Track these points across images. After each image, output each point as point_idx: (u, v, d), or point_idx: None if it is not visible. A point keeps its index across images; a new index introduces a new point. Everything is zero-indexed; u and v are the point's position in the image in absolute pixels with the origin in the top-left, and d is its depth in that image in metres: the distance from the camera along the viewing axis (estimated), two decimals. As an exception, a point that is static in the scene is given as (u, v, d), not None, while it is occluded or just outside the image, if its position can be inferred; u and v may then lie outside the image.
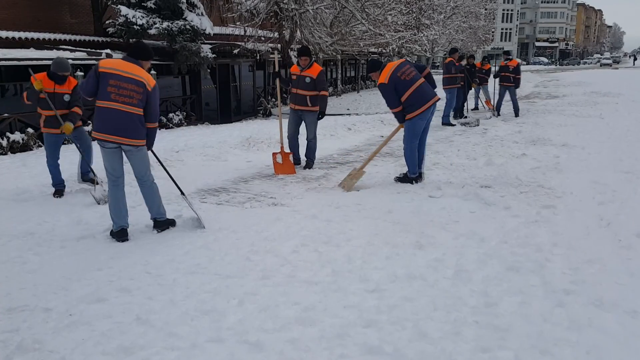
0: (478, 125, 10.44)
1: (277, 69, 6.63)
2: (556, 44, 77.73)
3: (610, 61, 64.13)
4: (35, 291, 3.11)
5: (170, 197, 5.25)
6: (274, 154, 6.44)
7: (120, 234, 3.98)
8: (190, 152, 7.59)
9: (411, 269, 3.32)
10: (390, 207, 4.71)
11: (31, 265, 3.54)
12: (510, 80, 11.68)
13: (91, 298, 2.99)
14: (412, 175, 5.63)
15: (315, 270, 3.33)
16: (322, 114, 6.43)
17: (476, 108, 13.51)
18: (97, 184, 5.26)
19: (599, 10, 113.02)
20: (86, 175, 5.59)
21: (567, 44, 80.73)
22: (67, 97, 5.21)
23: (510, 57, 12.10)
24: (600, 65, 58.64)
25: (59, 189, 5.42)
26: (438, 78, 9.60)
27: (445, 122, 10.73)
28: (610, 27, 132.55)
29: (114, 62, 3.87)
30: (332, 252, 3.64)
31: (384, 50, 20.79)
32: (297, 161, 6.66)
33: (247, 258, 3.55)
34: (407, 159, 5.63)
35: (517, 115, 11.86)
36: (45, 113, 5.20)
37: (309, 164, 6.71)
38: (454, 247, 3.70)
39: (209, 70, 13.74)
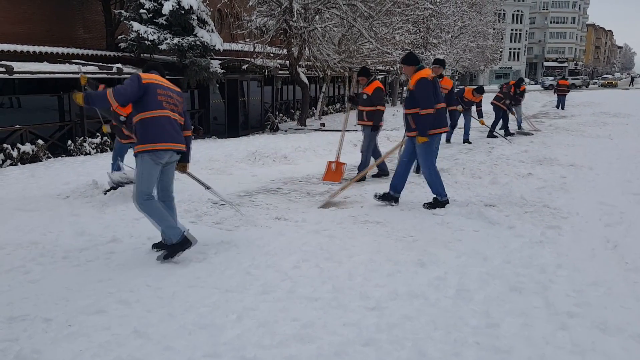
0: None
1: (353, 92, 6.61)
2: (565, 64, 77.81)
3: None
4: (36, 301, 3.12)
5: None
6: (329, 162, 7.08)
7: (186, 242, 3.74)
8: (196, 166, 7.61)
9: (412, 287, 3.29)
10: (393, 224, 4.69)
11: (34, 275, 3.56)
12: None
13: (91, 309, 2.99)
14: (443, 199, 5.21)
15: (316, 286, 3.31)
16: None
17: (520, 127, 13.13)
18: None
19: (609, 30, 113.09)
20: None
21: (576, 64, 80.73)
22: (122, 118, 5.80)
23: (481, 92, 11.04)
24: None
25: (112, 186, 5.98)
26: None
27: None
28: (620, 47, 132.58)
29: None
30: (334, 268, 3.62)
31: (391, 69, 20.93)
32: None
33: (248, 272, 3.54)
34: (430, 183, 5.23)
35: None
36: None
37: None
38: (456, 266, 3.66)
39: (217, 85, 13.91)
